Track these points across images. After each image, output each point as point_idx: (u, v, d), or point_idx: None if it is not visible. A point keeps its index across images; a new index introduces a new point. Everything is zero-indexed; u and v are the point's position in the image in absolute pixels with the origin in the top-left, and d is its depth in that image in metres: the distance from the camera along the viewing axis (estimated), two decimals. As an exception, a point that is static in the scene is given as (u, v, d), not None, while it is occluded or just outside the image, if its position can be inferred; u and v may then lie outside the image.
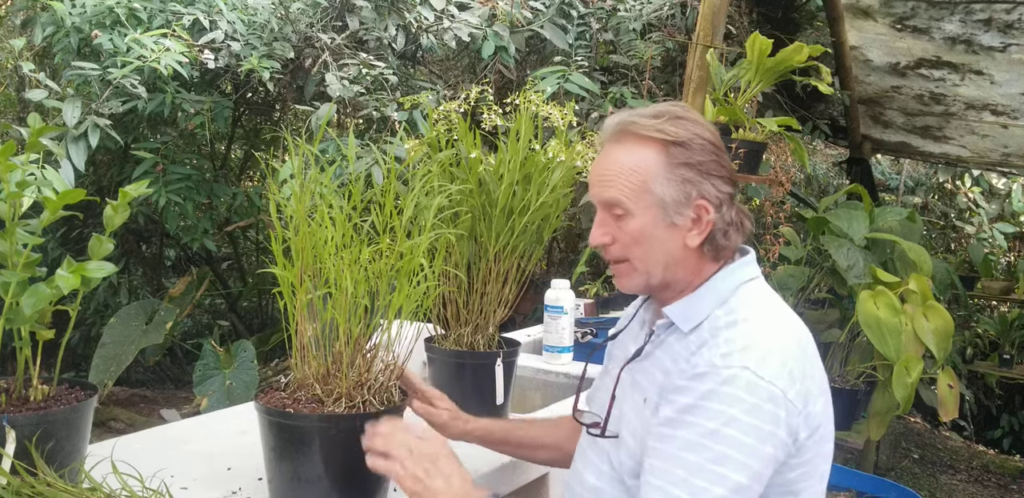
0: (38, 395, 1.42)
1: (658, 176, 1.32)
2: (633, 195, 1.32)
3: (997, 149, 5.63)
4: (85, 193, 1.41)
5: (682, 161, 1.32)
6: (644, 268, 1.36)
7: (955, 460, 5.45)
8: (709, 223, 1.33)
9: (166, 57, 3.25)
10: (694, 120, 1.36)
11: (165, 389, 4.85)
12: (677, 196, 1.32)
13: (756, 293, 1.36)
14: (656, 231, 1.33)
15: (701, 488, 1.15)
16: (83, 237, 4.38)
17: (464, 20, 3.93)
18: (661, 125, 1.32)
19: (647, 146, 1.33)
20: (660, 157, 1.32)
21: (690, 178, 1.32)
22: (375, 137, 3.65)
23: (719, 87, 3.47)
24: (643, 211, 1.32)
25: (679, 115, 1.35)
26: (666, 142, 1.32)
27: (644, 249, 1.34)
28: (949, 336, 3.50)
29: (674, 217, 1.33)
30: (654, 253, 1.34)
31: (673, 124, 1.33)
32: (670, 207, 1.32)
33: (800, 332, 1.33)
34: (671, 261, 1.35)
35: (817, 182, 7.57)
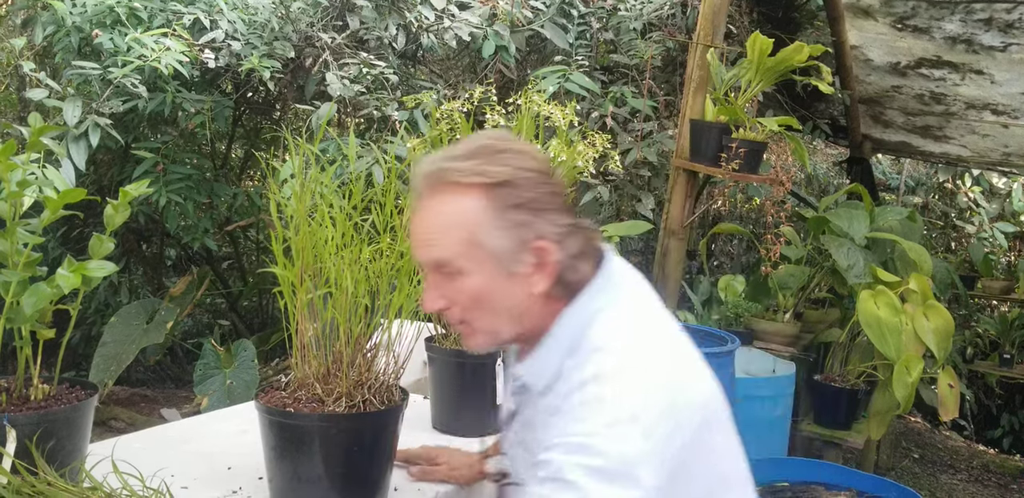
0: (39, 394, 1.42)
1: (485, 226, 1.15)
2: (463, 251, 1.16)
3: (997, 149, 5.63)
4: (86, 192, 1.41)
5: (510, 203, 1.15)
6: (489, 328, 1.21)
7: (955, 460, 5.45)
8: (554, 264, 1.17)
9: (167, 56, 3.25)
10: (516, 151, 1.19)
11: (166, 388, 4.85)
12: (511, 244, 1.15)
13: (608, 329, 1.17)
14: (496, 286, 1.17)
15: None
16: (84, 236, 4.38)
17: (464, 19, 3.93)
18: (479, 167, 1.15)
19: (467, 194, 1.15)
20: (484, 203, 1.15)
21: (522, 221, 1.15)
22: (376, 136, 3.65)
23: (720, 86, 3.48)
24: (477, 267, 1.16)
25: (498, 149, 1.18)
26: (488, 186, 1.14)
27: (485, 308, 1.19)
28: (949, 336, 3.50)
29: (512, 267, 1.16)
30: (498, 310, 1.19)
31: (492, 162, 1.16)
32: (505, 258, 1.16)
33: (666, 363, 1.16)
34: (517, 314, 1.20)
35: (817, 182, 7.57)
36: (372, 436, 1.47)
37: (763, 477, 3.09)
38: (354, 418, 1.45)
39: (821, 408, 3.83)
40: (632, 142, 3.92)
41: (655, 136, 3.95)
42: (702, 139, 3.51)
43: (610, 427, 1.05)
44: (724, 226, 4.73)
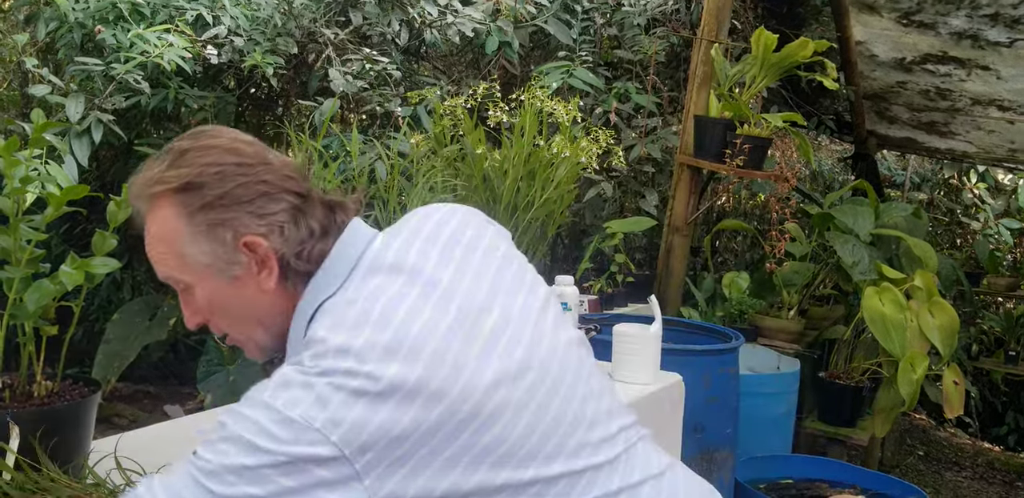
0: (42, 391, 1.42)
1: (182, 236, 1.08)
2: (176, 265, 1.10)
3: (1003, 145, 5.61)
4: (88, 189, 1.41)
5: (198, 206, 1.07)
6: (244, 336, 1.16)
7: (960, 457, 5.44)
8: (271, 256, 1.08)
9: (169, 52, 3.24)
10: (205, 145, 1.10)
11: (168, 385, 4.85)
12: (214, 247, 1.08)
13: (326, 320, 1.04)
14: (223, 293, 1.11)
15: None
16: (87, 233, 4.38)
17: (468, 15, 3.92)
18: (161, 174, 1.08)
19: (159, 205, 1.09)
20: (174, 211, 1.08)
21: (216, 220, 1.07)
22: (378, 133, 3.64)
23: (724, 82, 3.46)
24: (196, 278, 1.11)
25: (185, 149, 1.10)
26: (171, 191, 1.07)
27: (228, 316, 1.14)
28: (954, 333, 3.49)
29: (229, 270, 1.09)
30: (240, 315, 1.14)
31: (176, 165, 1.09)
32: (217, 262, 1.09)
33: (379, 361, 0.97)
34: (262, 315, 1.13)
35: (822, 178, 7.56)
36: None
37: (767, 474, 3.09)
38: (357, 415, 1.44)
39: (825, 405, 3.83)
40: (636, 138, 3.91)
41: (659, 132, 3.94)
42: (706, 135, 3.50)
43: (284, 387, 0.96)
44: (728, 223, 4.72)
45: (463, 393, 0.99)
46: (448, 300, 1.06)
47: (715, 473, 2.56)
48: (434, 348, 1.00)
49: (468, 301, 1.07)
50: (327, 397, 0.94)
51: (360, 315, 1.01)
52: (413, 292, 1.05)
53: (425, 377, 0.97)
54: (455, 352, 1.01)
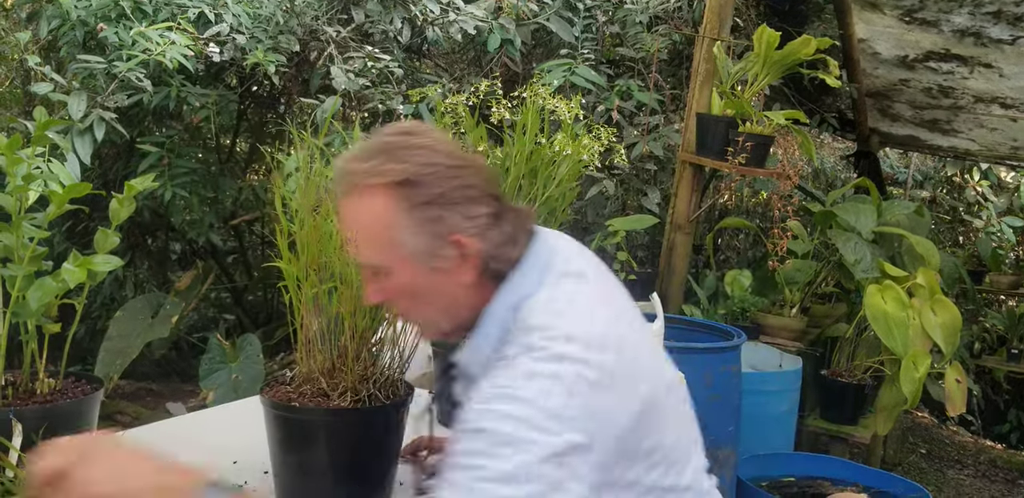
0: (44, 388, 1.42)
1: (398, 226, 1.15)
2: (383, 252, 1.17)
3: (1006, 142, 5.60)
4: (91, 187, 1.41)
5: (419, 201, 1.14)
6: (429, 320, 1.25)
7: (962, 455, 5.44)
8: (475, 254, 1.17)
9: (171, 50, 3.24)
10: (419, 145, 1.17)
11: (171, 383, 4.85)
12: (427, 241, 1.15)
13: (536, 312, 1.14)
14: (423, 282, 1.18)
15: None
16: (89, 231, 4.38)
17: (470, 13, 3.92)
18: (379, 167, 1.15)
19: (375, 196, 1.15)
20: (392, 204, 1.15)
21: (434, 216, 1.15)
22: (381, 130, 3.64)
23: (726, 80, 3.46)
24: (400, 266, 1.17)
25: (397, 145, 1.17)
26: (391, 185, 1.14)
27: (418, 303, 1.21)
28: (957, 331, 3.49)
29: (434, 262, 1.17)
30: (432, 303, 1.21)
31: (391, 161, 1.15)
32: (425, 255, 1.16)
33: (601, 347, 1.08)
34: (451, 305, 1.21)
35: (824, 176, 7.55)
36: (377, 430, 1.47)
37: (769, 472, 3.09)
38: (359, 412, 1.45)
39: (828, 403, 3.82)
40: (638, 136, 3.91)
41: (661, 130, 3.93)
42: (708, 133, 3.49)
43: (530, 378, 1.03)
44: (730, 220, 4.72)
45: (654, 390, 1.13)
46: (625, 309, 1.23)
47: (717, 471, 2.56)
48: (634, 346, 1.14)
49: (634, 313, 1.24)
50: (573, 385, 1.03)
51: (568, 311, 1.13)
52: (599, 297, 1.20)
53: (632, 370, 1.11)
54: (646, 353, 1.18)
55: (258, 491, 1.53)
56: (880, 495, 2.92)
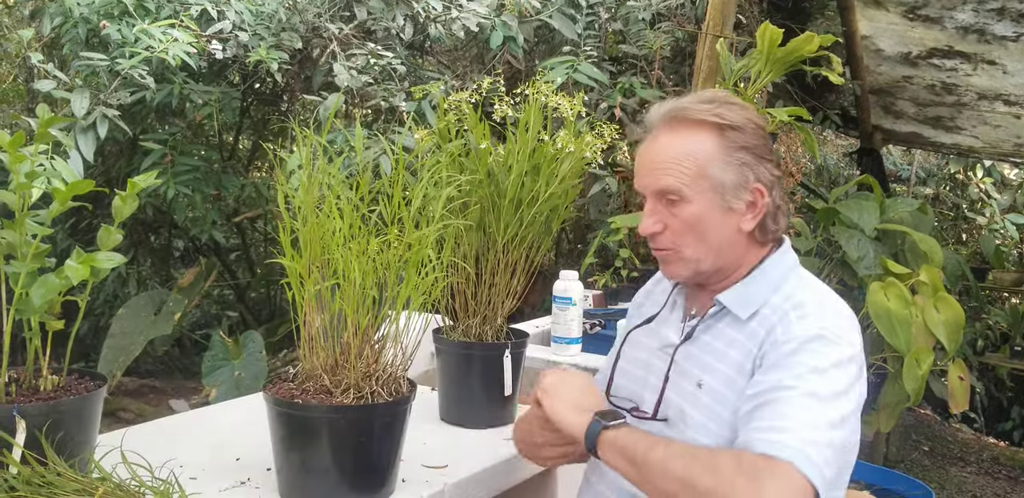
0: (48, 385, 1.42)
1: (716, 160, 1.32)
2: (690, 181, 1.32)
3: (1009, 139, 5.59)
4: (94, 184, 1.41)
5: (740, 145, 1.32)
6: (696, 255, 1.35)
7: (965, 452, 5.44)
8: (763, 207, 1.34)
9: (174, 47, 3.24)
10: (743, 105, 1.37)
11: (174, 379, 4.86)
12: (736, 180, 1.32)
13: (806, 278, 1.39)
14: (712, 216, 1.33)
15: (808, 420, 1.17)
16: (92, 228, 4.39)
17: (472, 10, 3.91)
18: (716, 110, 1.33)
19: (703, 131, 1.33)
20: (717, 141, 1.32)
21: (747, 161, 1.33)
22: (383, 127, 3.64)
23: (729, 77, 3.45)
24: (700, 197, 1.32)
25: (730, 100, 1.36)
26: (722, 126, 1.32)
27: (698, 235, 1.34)
28: (960, 328, 3.48)
29: (731, 202, 1.33)
30: (708, 239, 1.34)
31: (727, 109, 1.33)
32: (728, 191, 1.32)
33: (853, 315, 1.36)
34: (724, 246, 1.35)
35: (827, 173, 7.54)
36: (380, 427, 1.47)
37: (772, 469, 3.08)
38: (362, 409, 1.45)
39: (830, 400, 3.81)
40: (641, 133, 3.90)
41: (664, 127, 3.92)
42: (711, 130, 3.48)
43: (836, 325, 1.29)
44: (733, 217, 4.71)
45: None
46: None
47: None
48: None
49: None
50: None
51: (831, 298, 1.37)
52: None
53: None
54: None
55: (261, 488, 1.53)
56: (883, 492, 2.91)
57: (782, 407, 1.18)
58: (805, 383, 1.19)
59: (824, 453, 1.13)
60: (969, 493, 4.66)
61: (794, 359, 1.22)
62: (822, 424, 1.15)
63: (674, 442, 1.23)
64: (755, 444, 1.15)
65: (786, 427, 1.15)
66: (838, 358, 1.22)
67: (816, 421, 1.16)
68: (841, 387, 1.20)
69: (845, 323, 1.30)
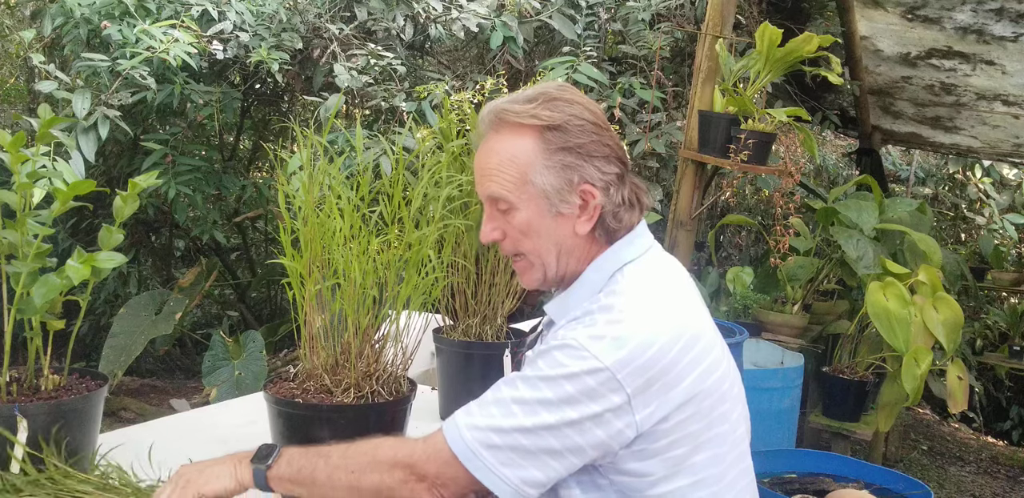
0: (49, 385, 1.43)
1: (536, 165, 1.25)
2: (514, 188, 1.26)
3: (1008, 140, 5.60)
4: (95, 184, 1.41)
5: (559, 146, 1.25)
6: (539, 261, 1.30)
7: (964, 452, 5.44)
8: (597, 208, 1.27)
9: (175, 48, 3.25)
10: (570, 100, 1.28)
11: (175, 379, 4.87)
12: (559, 184, 1.25)
13: (631, 279, 1.27)
14: (543, 222, 1.27)
15: (490, 413, 1.16)
16: (93, 228, 4.39)
17: (472, 10, 3.92)
18: (534, 110, 1.25)
19: (522, 134, 1.26)
20: (536, 144, 1.25)
21: (570, 163, 1.25)
22: (383, 128, 3.65)
23: (728, 77, 3.46)
24: (526, 203, 1.26)
25: (554, 96, 1.28)
26: (540, 127, 1.25)
27: (534, 242, 1.28)
28: (959, 327, 3.49)
29: (559, 206, 1.26)
30: (544, 245, 1.28)
31: (547, 107, 1.26)
32: (553, 196, 1.26)
33: (674, 321, 1.20)
34: (563, 251, 1.29)
35: (827, 173, 7.55)
36: (380, 426, 1.48)
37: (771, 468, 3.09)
38: (362, 409, 1.46)
39: (829, 400, 3.83)
40: (640, 133, 3.91)
41: (663, 127, 3.94)
42: (710, 130, 3.49)
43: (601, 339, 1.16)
44: (733, 217, 4.72)
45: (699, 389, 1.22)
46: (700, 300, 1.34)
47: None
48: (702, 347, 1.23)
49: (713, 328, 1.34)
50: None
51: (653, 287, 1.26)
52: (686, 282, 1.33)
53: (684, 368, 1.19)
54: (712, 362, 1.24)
55: (262, 487, 1.53)
56: (882, 492, 2.92)
57: (484, 399, 1.18)
58: (520, 385, 1.16)
59: (487, 438, 1.14)
60: (968, 492, 4.67)
61: (534, 363, 1.19)
62: (506, 425, 1.14)
63: (332, 452, 1.23)
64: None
65: (470, 411, 1.17)
66: (572, 370, 1.13)
67: (502, 421, 1.14)
68: (554, 397, 1.13)
69: (622, 342, 1.15)
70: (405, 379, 1.57)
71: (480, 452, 1.14)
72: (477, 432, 1.14)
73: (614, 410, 1.14)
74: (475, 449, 1.14)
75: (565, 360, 1.15)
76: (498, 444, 1.14)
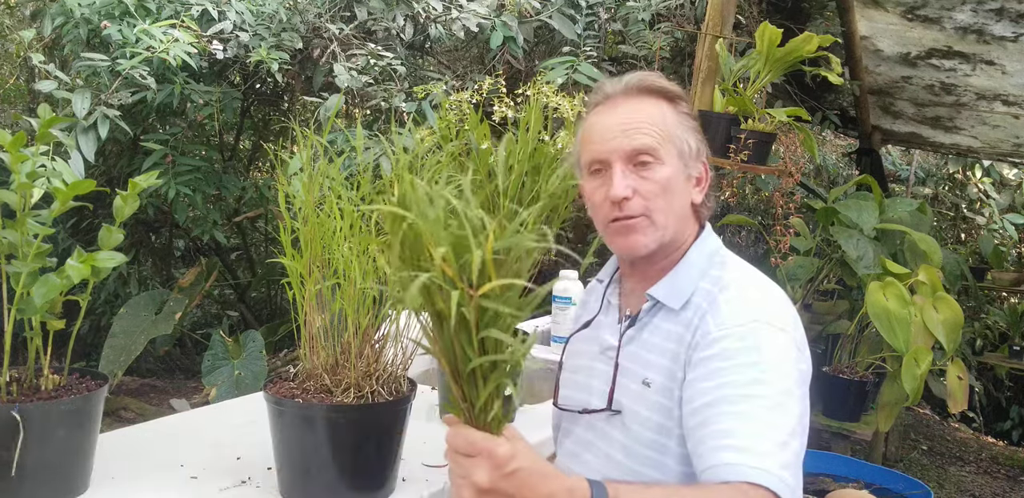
0: (49, 385, 1.43)
1: (679, 126, 1.33)
2: (663, 141, 1.31)
3: (1008, 140, 5.60)
4: (95, 184, 1.41)
5: (685, 113, 1.36)
6: (665, 222, 1.32)
7: (964, 452, 5.44)
8: (707, 182, 1.37)
9: (175, 48, 3.24)
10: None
11: (175, 379, 4.87)
12: (694, 147, 1.34)
13: (730, 259, 1.37)
14: (679, 182, 1.33)
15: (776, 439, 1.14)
16: (93, 228, 4.39)
17: (472, 10, 3.92)
18: (662, 83, 1.36)
19: (660, 99, 1.35)
20: (674, 110, 1.34)
21: (695, 128, 1.36)
22: (384, 128, 3.65)
23: (728, 77, 3.46)
24: (671, 160, 1.32)
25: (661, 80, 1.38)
26: (677, 98, 1.36)
27: (667, 200, 1.31)
28: (959, 327, 3.49)
29: (691, 168, 1.34)
30: (674, 206, 1.33)
31: (671, 85, 1.37)
32: (689, 158, 1.34)
33: (781, 289, 1.35)
34: (681, 216, 1.35)
35: (827, 173, 7.55)
36: (380, 427, 1.48)
37: (771, 468, 3.09)
38: (362, 409, 1.46)
39: (829, 400, 3.83)
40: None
41: (663, 127, 3.93)
42: (710, 130, 3.49)
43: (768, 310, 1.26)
44: (732, 217, 4.72)
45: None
46: None
47: (718, 467, 2.57)
48: None
49: None
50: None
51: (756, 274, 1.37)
52: None
53: None
54: None
55: (262, 487, 1.53)
56: (882, 492, 2.92)
57: (740, 423, 1.14)
58: (754, 390, 1.16)
59: (797, 473, 1.15)
60: (968, 492, 4.67)
61: (735, 360, 1.19)
62: (784, 437, 1.14)
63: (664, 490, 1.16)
64: (730, 469, 1.10)
65: (757, 450, 1.12)
66: (776, 349, 1.21)
67: (779, 436, 1.14)
68: (787, 384, 1.19)
69: (774, 301, 1.29)
70: (405, 379, 1.57)
71: (786, 479, 1.12)
72: (786, 471, 1.12)
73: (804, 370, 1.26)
74: (784, 478, 1.11)
75: (763, 343, 1.20)
76: (791, 461, 1.16)
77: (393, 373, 1.55)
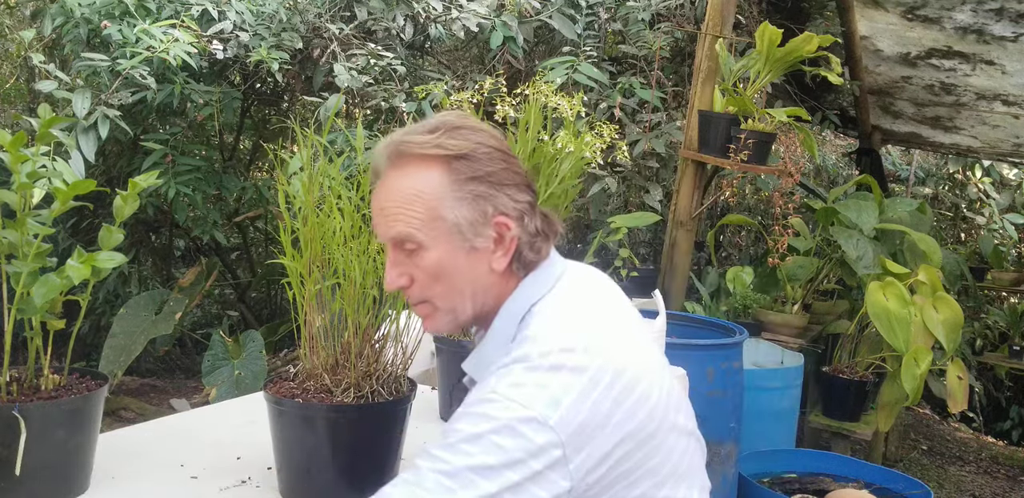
0: (49, 384, 1.43)
1: (446, 198, 1.14)
2: (423, 225, 1.15)
3: (1008, 139, 5.60)
4: (95, 184, 1.41)
5: (469, 175, 1.15)
6: (449, 306, 1.19)
7: (964, 452, 5.44)
8: (513, 240, 1.17)
9: (175, 48, 3.25)
10: (473, 127, 1.20)
11: (175, 379, 4.87)
12: (472, 216, 1.15)
13: (540, 321, 1.16)
14: (457, 261, 1.16)
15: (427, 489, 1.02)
16: (93, 227, 4.39)
17: (472, 10, 3.92)
18: (438, 140, 1.16)
19: (427, 166, 1.16)
20: (444, 176, 1.15)
21: (482, 193, 1.16)
22: (384, 128, 3.65)
23: (728, 77, 3.46)
24: (437, 241, 1.15)
25: (457, 125, 1.19)
26: (447, 157, 1.15)
27: (446, 284, 1.17)
28: (959, 327, 3.49)
29: (474, 241, 1.16)
30: (457, 286, 1.18)
31: (451, 136, 1.16)
32: (467, 230, 1.15)
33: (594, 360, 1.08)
34: (478, 290, 1.19)
35: (826, 173, 7.55)
36: (380, 426, 1.48)
37: (771, 468, 3.10)
38: (362, 409, 1.46)
39: (829, 400, 3.83)
40: (640, 133, 3.91)
41: (663, 127, 3.94)
42: (710, 130, 3.50)
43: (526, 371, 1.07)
44: (732, 217, 4.72)
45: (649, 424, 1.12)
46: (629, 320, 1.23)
47: (719, 467, 2.57)
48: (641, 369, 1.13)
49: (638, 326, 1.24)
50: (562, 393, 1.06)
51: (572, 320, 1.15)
52: (608, 306, 1.22)
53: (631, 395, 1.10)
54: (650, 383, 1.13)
55: (262, 487, 1.54)
56: (881, 491, 2.92)
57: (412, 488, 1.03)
58: (444, 455, 1.03)
59: None
60: (968, 492, 4.67)
61: (453, 425, 1.06)
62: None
63: None
64: None
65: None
66: (498, 424, 1.02)
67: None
68: (491, 461, 1.01)
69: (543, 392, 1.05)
70: (405, 379, 1.57)
71: None
72: None
73: (551, 465, 1.02)
74: None
75: (493, 413, 1.03)
76: None
77: (393, 373, 1.55)
